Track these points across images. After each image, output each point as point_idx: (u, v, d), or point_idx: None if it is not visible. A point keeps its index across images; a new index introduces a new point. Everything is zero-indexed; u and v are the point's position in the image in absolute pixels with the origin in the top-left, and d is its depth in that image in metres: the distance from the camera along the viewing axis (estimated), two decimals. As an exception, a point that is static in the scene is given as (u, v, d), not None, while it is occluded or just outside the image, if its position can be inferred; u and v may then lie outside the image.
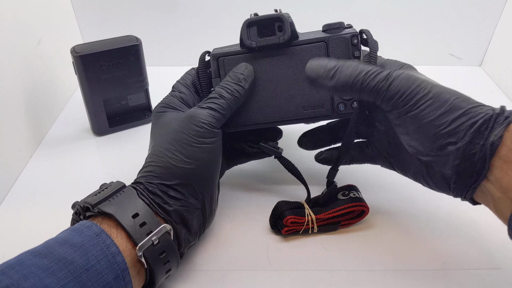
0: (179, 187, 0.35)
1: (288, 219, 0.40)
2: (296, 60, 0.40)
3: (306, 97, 0.40)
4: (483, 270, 0.39)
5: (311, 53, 0.40)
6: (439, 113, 0.33)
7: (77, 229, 0.31)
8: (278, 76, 0.41)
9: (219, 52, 0.41)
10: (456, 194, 0.35)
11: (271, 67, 0.40)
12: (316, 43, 0.40)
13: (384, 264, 0.39)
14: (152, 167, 0.36)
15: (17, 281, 0.26)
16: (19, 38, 0.52)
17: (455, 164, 0.33)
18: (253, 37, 0.39)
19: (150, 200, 0.34)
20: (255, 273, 0.39)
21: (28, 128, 0.53)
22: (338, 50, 0.40)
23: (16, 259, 0.29)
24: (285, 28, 0.39)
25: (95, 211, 0.33)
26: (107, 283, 0.29)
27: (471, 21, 0.71)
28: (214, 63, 0.41)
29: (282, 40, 0.39)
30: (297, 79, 0.40)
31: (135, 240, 0.32)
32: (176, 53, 0.74)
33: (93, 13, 0.69)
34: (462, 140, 0.32)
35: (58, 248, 0.29)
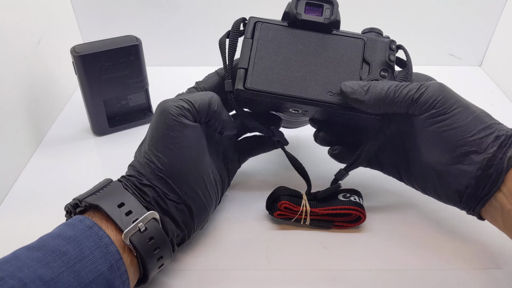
0: (154, 180, 0.35)
1: (282, 204, 0.40)
2: (333, 47, 0.40)
3: (335, 83, 0.39)
4: (483, 270, 0.39)
5: (347, 46, 0.40)
6: (467, 121, 0.35)
7: (69, 224, 0.32)
8: (311, 56, 0.40)
9: (258, 18, 0.40)
10: (466, 206, 0.37)
11: (307, 45, 0.40)
12: (355, 38, 0.40)
13: (384, 264, 0.39)
14: (134, 161, 0.38)
15: (11, 273, 0.27)
16: (19, 38, 0.52)
17: (477, 175, 0.34)
18: (300, 9, 0.39)
19: (132, 190, 0.35)
20: (255, 273, 0.39)
21: (28, 128, 0.53)
22: (375, 50, 0.40)
23: (11, 255, 0.29)
24: (334, 11, 0.39)
25: (83, 205, 0.33)
26: (101, 273, 0.29)
27: (471, 21, 0.71)
28: (251, 25, 0.40)
29: (327, 21, 0.39)
30: (328, 64, 0.40)
31: (121, 227, 0.32)
32: (176, 53, 0.74)
33: (93, 13, 0.69)
34: (486, 151, 0.34)
35: (51, 241, 0.30)
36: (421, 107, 0.36)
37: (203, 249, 0.41)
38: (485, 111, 0.36)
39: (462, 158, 0.35)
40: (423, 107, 0.36)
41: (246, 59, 0.39)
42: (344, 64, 0.40)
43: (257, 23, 0.40)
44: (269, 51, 0.39)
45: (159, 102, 0.38)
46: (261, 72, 0.39)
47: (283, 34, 0.40)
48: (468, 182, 0.35)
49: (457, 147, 0.35)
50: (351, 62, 0.40)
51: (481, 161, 0.34)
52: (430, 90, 0.35)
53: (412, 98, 0.36)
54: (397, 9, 0.69)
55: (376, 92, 0.37)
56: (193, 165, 0.37)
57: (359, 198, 0.42)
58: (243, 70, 0.39)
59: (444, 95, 0.35)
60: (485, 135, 0.34)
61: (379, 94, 0.37)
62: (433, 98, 0.35)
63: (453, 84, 0.36)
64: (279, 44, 0.40)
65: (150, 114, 0.60)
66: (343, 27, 0.41)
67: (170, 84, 0.69)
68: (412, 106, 0.36)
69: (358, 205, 0.41)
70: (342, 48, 0.40)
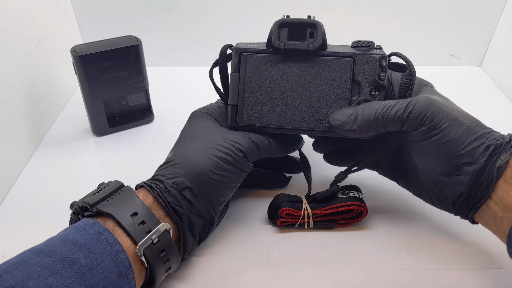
0: (197, 191, 0.36)
1: (283, 211, 0.41)
2: (320, 71, 0.39)
3: (323, 110, 0.40)
4: (483, 270, 0.39)
5: (336, 67, 0.39)
6: (458, 134, 0.35)
7: (80, 227, 0.31)
8: (299, 83, 0.40)
9: (242, 47, 0.40)
10: (458, 212, 0.38)
11: (294, 73, 0.40)
12: (343, 57, 0.39)
13: (384, 264, 0.39)
14: (180, 165, 0.36)
15: (21, 281, 0.26)
16: (19, 38, 0.52)
17: (470, 185, 0.35)
18: (283, 38, 0.39)
19: (165, 202, 0.35)
20: (255, 273, 0.39)
21: (28, 128, 0.53)
22: (365, 68, 0.39)
23: (18, 258, 0.29)
24: (317, 36, 0.38)
25: (94, 211, 0.33)
26: (111, 281, 0.29)
27: (471, 21, 0.71)
28: (235, 57, 0.40)
29: (311, 48, 0.38)
30: (317, 89, 0.40)
31: (134, 239, 0.32)
32: (176, 53, 0.74)
33: (93, 13, 0.69)
34: (477, 162, 0.35)
35: (61, 246, 0.29)
36: (412, 124, 0.36)
37: (203, 249, 0.41)
38: (476, 119, 0.37)
39: (455, 170, 0.36)
40: (414, 124, 0.36)
41: (235, 95, 0.40)
42: (333, 88, 0.39)
43: (242, 54, 0.40)
44: (257, 85, 0.40)
45: (231, 130, 0.40)
46: (251, 108, 0.40)
47: (269, 64, 0.40)
48: (461, 191, 0.36)
49: (450, 160, 0.35)
50: (340, 84, 0.39)
51: (473, 171, 0.35)
52: (418, 107, 0.36)
53: (401, 118, 0.36)
54: (397, 9, 0.69)
55: (364, 118, 0.37)
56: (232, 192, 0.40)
57: (358, 193, 0.42)
58: (234, 106, 0.40)
59: (433, 111, 0.35)
60: (476, 146, 0.35)
61: (367, 120, 0.37)
62: (422, 115, 0.35)
63: (453, 84, 0.36)
64: (266, 76, 0.40)
65: (150, 114, 0.60)
66: (343, 29, 0.40)
67: (170, 84, 0.69)
68: (403, 125, 0.36)
69: (358, 199, 0.41)
70: (330, 71, 0.39)
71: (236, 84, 0.40)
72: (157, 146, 0.55)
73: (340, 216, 0.42)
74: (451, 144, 0.35)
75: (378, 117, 0.37)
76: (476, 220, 0.37)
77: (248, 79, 0.40)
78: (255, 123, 0.40)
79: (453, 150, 0.35)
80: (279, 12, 0.41)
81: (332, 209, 0.41)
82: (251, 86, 0.40)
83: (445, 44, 0.73)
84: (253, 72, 0.40)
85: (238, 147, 0.38)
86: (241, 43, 0.41)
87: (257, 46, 0.40)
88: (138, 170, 0.51)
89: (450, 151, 0.35)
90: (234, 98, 0.40)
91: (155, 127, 0.59)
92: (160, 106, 0.61)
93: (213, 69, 0.42)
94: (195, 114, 0.42)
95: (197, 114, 0.42)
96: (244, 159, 0.38)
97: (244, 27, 0.71)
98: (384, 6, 0.69)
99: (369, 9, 0.69)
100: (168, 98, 0.65)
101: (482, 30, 0.72)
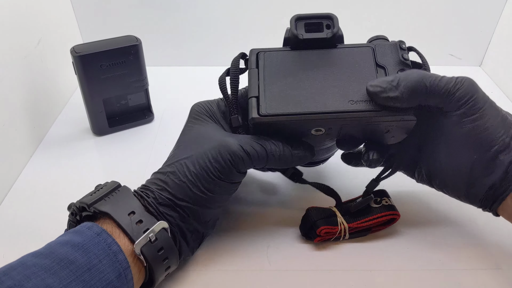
0: (186, 208, 0.35)
1: (321, 230, 0.39)
2: (342, 60, 0.38)
3: (353, 92, 0.37)
4: (483, 270, 0.39)
5: (357, 55, 0.38)
6: (496, 122, 0.34)
7: (77, 231, 0.31)
8: (321, 71, 0.38)
9: (258, 49, 0.39)
10: (483, 205, 0.37)
11: (315, 62, 0.38)
12: (363, 47, 0.38)
13: (384, 264, 0.39)
14: (169, 179, 0.35)
15: (19, 282, 0.26)
16: (19, 38, 0.52)
17: (502, 176, 0.34)
18: (300, 31, 0.38)
19: (157, 211, 0.34)
20: (255, 273, 0.39)
21: (28, 128, 0.53)
22: (386, 53, 0.38)
23: (18, 261, 0.29)
24: (334, 25, 0.38)
25: (91, 210, 0.33)
26: (109, 281, 0.29)
27: (471, 21, 0.71)
28: (253, 56, 0.39)
29: (329, 35, 0.38)
30: (343, 75, 0.37)
31: (132, 237, 0.32)
32: (176, 53, 0.74)
33: (93, 13, 0.69)
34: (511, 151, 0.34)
35: (59, 248, 0.29)
36: (457, 102, 0.34)
37: (203, 249, 0.41)
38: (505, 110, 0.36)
39: (491, 158, 0.35)
40: (459, 102, 0.34)
41: (256, 87, 0.37)
42: (358, 73, 0.37)
43: (260, 53, 0.38)
44: (278, 76, 0.37)
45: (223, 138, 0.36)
46: (274, 96, 0.37)
47: (289, 57, 0.38)
48: (493, 182, 0.35)
49: (488, 148, 0.34)
50: (364, 69, 0.37)
51: (508, 161, 0.34)
52: (466, 86, 0.34)
53: (448, 92, 0.34)
54: (397, 9, 0.69)
55: (408, 84, 0.34)
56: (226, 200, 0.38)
57: (389, 199, 0.42)
58: (255, 98, 0.37)
59: (478, 94, 0.34)
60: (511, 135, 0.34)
61: (411, 86, 0.34)
62: (469, 95, 0.34)
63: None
64: (286, 67, 0.38)
65: (149, 114, 0.60)
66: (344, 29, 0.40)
67: (170, 84, 0.69)
68: (447, 100, 0.35)
69: (392, 208, 0.41)
70: (352, 58, 0.38)
71: (256, 78, 0.38)
72: (157, 146, 0.55)
73: (374, 224, 0.41)
74: (491, 131, 0.34)
75: (425, 84, 0.34)
76: (499, 213, 0.36)
77: (268, 72, 0.38)
78: (280, 111, 0.36)
79: (492, 137, 0.34)
80: (280, 13, 0.41)
81: (368, 221, 0.40)
82: (271, 77, 0.38)
83: (445, 44, 0.73)
84: (272, 66, 0.38)
85: (227, 159, 0.35)
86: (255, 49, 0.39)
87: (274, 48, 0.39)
88: (138, 170, 0.51)
89: (489, 138, 0.34)
90: (255, 90, 0.37)
91: (155, 127, 0.59)
92: (160, 106, 0.61)
93: (225, 77, 0.40)
94: (194, 114, 0.40)
95: (196, 114, 0.40)
96: (232, 171, 0.36)
97: (244, 27, 0.71)
98: (384, 6, 0.69)
99: (369, 9, 0.69)
100: (168, 98, 0.65)
101: (482, 30, 0.72)
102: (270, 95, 0.37)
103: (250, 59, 0.39)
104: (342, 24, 0.40)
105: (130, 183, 0.37)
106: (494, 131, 0.34)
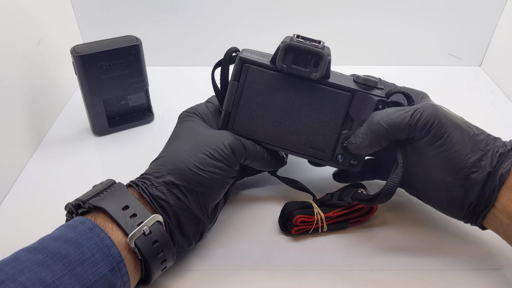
0: (185, 189, 0.35)
1: (297, 219, 0.40)
2: (317, 99, 0.40)
3: (312, 137, 0.41)
4: (483, 270, 0.39)
5: (334, 98, 0.40)
6: (464, 143, 0.35)
7: (71, 225, 0.32)
8: (294, 106, 0.40)
9: (247, 57, 0.40)
10: (467, 220, 0.38)
11: (291, 95, 0.40)
12: (342, 91, 0.40)
13: (384, 264, 0.39)
14: (166, 162, 0.37)
15: (12, 276, 0.27)
16: (19, 38, 0.52)
17: (478, 194, 0.35)
18: (287, 61, 0.38)
19: (150, 197, 0.34)
20: (255, 273, 0.39)
21: (28, 128, 0.53)
22: (361, 106, 0.40)
23: (11, 256, 0.29)
24: (321, 67, 0.38)
25: (86, 206, 0.33)
26: (103, 275, 0.29)
27: (471, 21, 0.71)
28: (238, 66, 0.40)
29: (313, 77, 0.39)
30: (310, 116, 0.40)
31: (125, 230, 0.32)
32: (176, 53, 0.74)
33: (93, 13, 0.69)
34: (483, 171, 0.35)
35: (52, 243, 0.30)
36: (420, 131, 0.36)
37: (203, 249, 0.41)
38: (479, 128, 0.37)
39: (464, 179, 0.36)
40: (422, 131, 0.36)
41: (231, 102, 0.41)
42: (326, 118, 0.40)
43: (245, 65, 0.39)
44: (253, 97, 0.40)
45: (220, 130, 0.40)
46: (244, 118, 0.41)
47: (270, 80, 0.40)
48: (471, 201, 0.36)
49: (458, 169, 0.36)
50: (333, 116, 0.40)
51: (481, 180, 0.35)
52: (425, 115, 0.36)
53: (409, 125, 0.36)
54: (397, 9, 0.69)
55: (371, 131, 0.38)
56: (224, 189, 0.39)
57: (365, 189, 0.42)
58: (227, 113, 0.41)
59: (440, 119, 0.35)
60: (482, 155, 0.35)
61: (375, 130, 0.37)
62: (430, 123, 0.35)
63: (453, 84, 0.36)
64: (263, 92, 0.40)
65: (150, 114, 0.60)
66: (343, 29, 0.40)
67: (170, 84, 0.69)
68: (411, 132, 0.36)
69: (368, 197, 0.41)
70: (326, 101, 0.40)
71: (234, 92, 0.40)
72: (157, 146, 0.55)
73: (351, 215, 0.42)
74: (458, 153, 0.35)
75: (383, 127, 0.37)
76: (486, 227, 0.38)
77: (246, 90, 0.40)
78: (244, 133, 0.41)
79: (460, 159, 0.35)
80: (279, 14, 0.41)
81: (343, 209, 0.41)
82: (247, 97, 0.40)
83: (445, 44, 0.73)
84: (252, 85, 0.40)
85: (227, 143, 0.38)
86: (247, 50, 0.40)
87: (262, 60, 0.40)
88: (138, 170, 0.50)
89: (457, 161, 0.35)
90: (229, 106, 0.41)
91: (155, 127, 0.59)
92: (160, 106, 0.61)
93: (215, 69, 0.42)
94: (183, 116, 0.42)
95: (185, 115, 0.42)
96: (232, 155, 0.38)
97: (244, 28, 0.71)
98: (384, 6, 0.69)
99: (369, 9, 0.69)
100: (168, 98, 0.65)
101: (482, 30, 0.72)
102: (240, 116, 0.41)
103: (235, 67, 0.40)
104: (342, 24, 0.40)
105: (137, 176, 0.37)
106: (462, 154, 0.35)
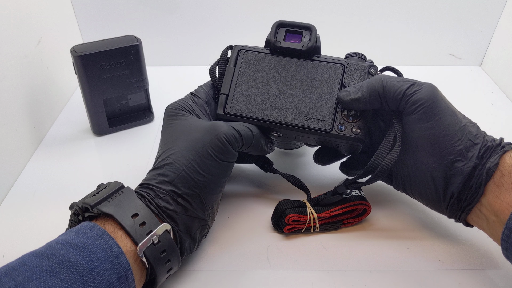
0: (189, 196, 0.35)
1: (290, 217, 0.40)
2: (311, 72, 0.41)
3: (310, 108, 0.41)
4: (483, 270, 0.39)
5: (326, 71, 0.41)
6: (454, 131, 0.35)
7: (79, 231, 0.31)
8: (289, 81, 0.41)
9: (242, 46, 0.43)
10: (451, 215, 0.38)
11: (285, 71, 0.41)
12: (334, 63, 0.41)
13: (384, 264, 0.39)
14: (166, 171, 0.36)
15: (20, 283, 0.26)
16: (19, 38, 0.52)
17: (460, 186, 0.35)
18: (279, 37, 0.41)
19: (158, 208, 0.34)
20: (255, 273, 0.39)
21: (28, 128, 0.53)
22: (354, 74, 0.41)
23: (18, 261, 0.29)
24: (311, 37, 0.41)
25: (94, 211, 0.33)
26: (111, 283, 0.29)
27: (471, 21, 0.71)
28: (234, 53, 0.43)
29: (304, 48, 0.41)
30: (306, 89, 0.41)
31: (135, 240, 0.32)
32: (176, 53, 0.74)
33: (93, 13, 0.69)
34: (469, 161, 0.34)
35: (60, 249, 0.29)
36: (411, 106, 0.36)
37: (203, 249, 0.41)
38: (472, 121, 0.37)
39: (448, 166, 0.35)
40: (412, 107, 0.36)
41: (228, 85, 0.42)
42: (322, 90, 0.41)
43: (240, 51, 0.43)
44: (249, 78, 0.42)
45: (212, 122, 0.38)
46: (241, 98, 0.41)
47: (264, 61, 0.42)
48: (452, 191, 0.36)
49: (444, 155, 0.35)
50: (329, 87, 0.41)
51: (465, 171, 0.35)
52: (423, 91, 0.35)
53: (403, 93, 0.36)
54: (397, 9, 0.69)
55: (369, 85, 0.38)
56: (224, 183, 0.39)
57: (359, 191, 0.42)
58: (224, 96, 0.42)
59: (435, 100, 0.35)
60: (470, 146, 0.35)
61: (373, 86, 0.37)
62: (424, 100, 0.35)
63: (453, 84, 0.36)
64: (259, 70, 0.42)
65: (150, 114, 0.60)
66: (344, 28, 0.41)
67: (170, 84, 0.69)
68: (403, 101, 0.36)
69: (361, 198, 0.42)
70: (320, 74, 0.41)
71: (230, 75, 0.42)
72: (157, 146, 0.55)
73: (344, 216, 0.42)
74: (446, 139, 0.35)
75: (382, 84, 0.37)
76: (471, 223, 0.37)
77: (242, 72, 0.42)
78: (241, 113, 0.41)
79: (448, 145, 0.35)
80: (278, 14, 0.41)
81: (337, 210, 0.41)
82: (243, 78, 0.42)
83: (445, 44, 0.73)
84: (247, 66, 0.42)
85: (222, 137, 0.37)
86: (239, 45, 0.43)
87: (256, 47, 0.43)
88: (138, 170, 0.51)
89: (444, 146, 0.35)
90: (226, 88, 0.42)
91: (155, 127, 0.59)
92: (160, 106, 0.61)
93: (215, 66, 0.44)
94: (172, 114, 0.40)
95: (173, 113, 0.40)
96: (229, 149, 0.37)
97: (243, 27, 0.71)
98: (385, 6, 0.69)
99: (369, 9, 0.69)
100: (168, 98, 0.64)
101: (482, 30, 0.72)
102: (237, 96, 0.42)
103: (232, 55, 0.43)
104: (342, 23, 0.40)
105: (130, 183, 0.37)
106: (450, 140, 0.35)
